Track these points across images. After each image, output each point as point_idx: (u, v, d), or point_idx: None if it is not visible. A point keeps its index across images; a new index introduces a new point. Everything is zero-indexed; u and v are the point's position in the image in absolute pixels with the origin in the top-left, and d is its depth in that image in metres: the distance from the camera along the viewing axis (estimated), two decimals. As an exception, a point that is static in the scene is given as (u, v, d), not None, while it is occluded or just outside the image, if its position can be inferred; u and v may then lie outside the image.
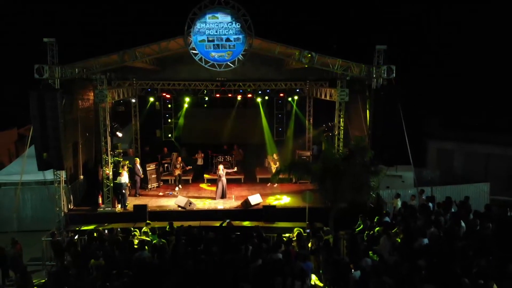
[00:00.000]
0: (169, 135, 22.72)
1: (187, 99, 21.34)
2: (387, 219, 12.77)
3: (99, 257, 10.23)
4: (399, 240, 11.15)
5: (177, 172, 18.64)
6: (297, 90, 20.76)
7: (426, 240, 10.62)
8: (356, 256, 10.47)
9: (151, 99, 21.34)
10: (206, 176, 19.74)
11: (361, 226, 12.81)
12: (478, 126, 23.35)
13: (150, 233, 12.00)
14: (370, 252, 10.66)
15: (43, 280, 10.99)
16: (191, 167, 19.97)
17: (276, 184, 18.65)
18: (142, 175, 17.51)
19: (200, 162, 20.66)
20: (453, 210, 13.05)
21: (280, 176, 16.16)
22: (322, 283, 10.91)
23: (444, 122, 25.18)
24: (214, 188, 17.54)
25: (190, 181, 19.43)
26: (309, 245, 12.05)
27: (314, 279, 10.59)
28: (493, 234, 11.55)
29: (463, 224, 11.51)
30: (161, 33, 15.57)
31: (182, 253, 10.65)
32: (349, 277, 9.37)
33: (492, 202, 16.39)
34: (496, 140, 22.57)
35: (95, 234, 12.25)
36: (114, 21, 27.69)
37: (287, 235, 12.94)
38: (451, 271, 8.89)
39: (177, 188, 18.25)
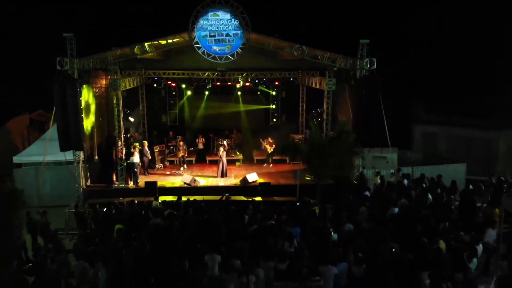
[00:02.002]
0: (174, 120, 24.49)
1: (190, 87, 23.04)
2: (367, 193, 14.64)
3: (121, 222, 12.14)
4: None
5: (180, 154, 20.34)
6: (291, 79, 22.43)
7: (396, 209, 12.52)
8: (338, 223, 12.34)
9: (159, 87, 23.12)
10: (208, 157, 21.52)
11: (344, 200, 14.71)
12: (461, 111, 24.79)
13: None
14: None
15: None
16: (193, 148, 21.78)
17: (271, 164, 20.49)
18: (150, 157, 19.26)
19: (200, 146, 22.12)
20: (424, 185, 14.94)
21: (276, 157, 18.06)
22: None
23: (428, 108, 26.65)
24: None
25: (194, 162, 21.22)
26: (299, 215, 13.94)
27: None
28: (457, 205, 13.56)
29: (430, 196, 13.41)
30: (159, 31, 17.21)
31: (190, 220, 12.54)
32: (329, 239, 11.27)
33: (467, 181, 18.06)
34: (477, 125, 24.11)
35: (111, 206, 14.20)
36: (114, 20, 29.07)
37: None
38: (414, 233, 10.80)
39: (182, 168, 20.02)
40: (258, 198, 16.16)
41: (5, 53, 27.49)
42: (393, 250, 9.67)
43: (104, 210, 13.91)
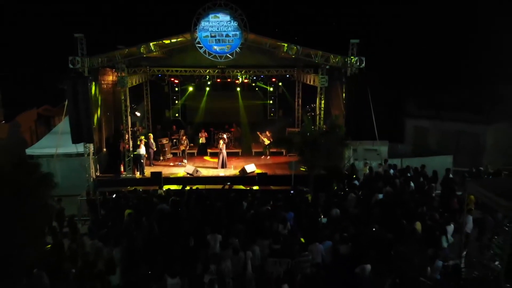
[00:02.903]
0: (176, 115, 25.71)
1: (192, 84, 24.19)
2: (356, 182, 15.88)
3: (131, 208, 13.37)
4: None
5: (182, 147, 21.52)
6: (287, 76, 23.57)
7: (381, 196, 13.75)
8: (327, 208, 13.58)
9: (162, 84, 24.32)
10: (209, 150, 22.73)
11: (335, 188, 16.00)
12: (450, 107, 25.91)
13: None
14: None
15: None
16: (193, 144, 22.95)
17: (268, 156, 21.71)
18: (155, 148, 20.47)
19: (203, 140, 23.18)
20: (409, 175, 16.16)
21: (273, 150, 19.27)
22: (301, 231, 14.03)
23: (420, 102, 27.79)
24: (216, 160, 20.66)
25: (196, 154, 22.43)
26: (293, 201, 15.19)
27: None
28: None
29: (412, 184, 14.66)
30: (162, 30, 18.20)
31: (193, 206, 13.77)
32: (318, 222, 12.53)
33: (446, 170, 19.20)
34: (466, 119, 25.25)
35: (120, 194, 15.46)
36: (116, 20, 30.20)
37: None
38: (394, 216, 12.03)
39: (185, 161, 21.23)
40: (255, 187, 17.38)
41: (10, 52, 28.68)
42: (374, 229, 10.89)
43: (114, 196, 15.18)
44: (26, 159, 8.33)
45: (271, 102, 25.81)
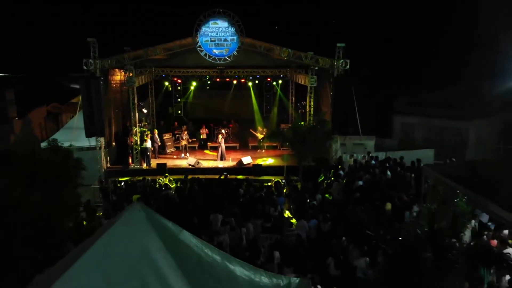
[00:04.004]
0: (179, 111, 27.53)
1: (193, 83, 26.00)
2: (341, 172, 17.69)
3: (139, 194, 15.19)
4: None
5: (183, 142, 23.21)
6: (281, 76, 25.39)
7: (361, 182, 15.58)
8: (314, 194, 15.41)
9: (166, 83, 26.09)
10: (209, 144, 24.51)
11: (323, 177, 17.81)
12: (435, 103, 27.62)
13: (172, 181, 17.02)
14: (327, 195, 15.56)
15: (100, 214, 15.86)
16: (195, 138, 24.74)
17: (264, 150, 23.51)
18: (160, 143, 22.24)
19: (203, 136, 24.82)
20: (387, 165, 17.97)
21: (268, 144, 21.13)
22: (292, 215, 15.86)
23: (407, 100, 29.52)
24: (215, 153, 22.48)
25: (197, 148, 24.17)
26: (284, 190, 17.04)
27: (287, 213, 15.52)
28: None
29: (389, 173, 16.49)
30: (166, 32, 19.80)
31: (195, 191, 15.59)
32: (307, 205, 14.35)
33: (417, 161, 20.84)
34: (449, 115, 26.98)
35: (129, 182, 17.31)
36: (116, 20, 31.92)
37: (269, 183, 17.99)
38: (371, 199, 13.86)
39: (187, 154, 22.96)
40: (251, 177, 19.16)
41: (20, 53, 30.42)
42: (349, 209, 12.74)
43: (123, 184, 17.02)
44: (61, 147, 10.05)
45: (266, 100, 27.59)
